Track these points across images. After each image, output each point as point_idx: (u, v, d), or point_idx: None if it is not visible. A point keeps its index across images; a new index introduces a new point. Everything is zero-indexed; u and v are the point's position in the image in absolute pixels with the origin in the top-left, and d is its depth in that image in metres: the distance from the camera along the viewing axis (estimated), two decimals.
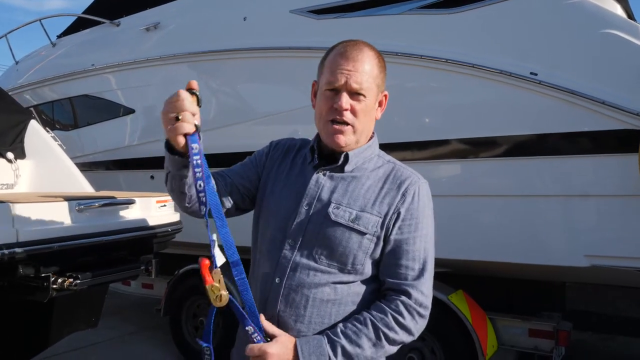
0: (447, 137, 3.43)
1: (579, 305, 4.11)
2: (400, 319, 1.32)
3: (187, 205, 1.45)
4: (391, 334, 1.31)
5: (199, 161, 1.23)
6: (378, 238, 1.38)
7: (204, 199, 1.25)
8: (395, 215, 1.38)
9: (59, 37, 6.19)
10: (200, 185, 1.24)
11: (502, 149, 3.26)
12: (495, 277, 3.90)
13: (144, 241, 2.30)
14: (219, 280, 1.25)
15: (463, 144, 3.39)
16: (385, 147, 1.54)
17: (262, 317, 1.33)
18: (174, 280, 4.87)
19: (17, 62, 6.73)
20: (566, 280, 3.98)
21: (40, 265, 1.85)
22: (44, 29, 6.12)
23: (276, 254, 1.41)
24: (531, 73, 3.06)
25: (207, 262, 1.26)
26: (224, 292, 1.25)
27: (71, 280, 1.91)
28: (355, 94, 1.36)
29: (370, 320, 1.31)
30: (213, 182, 1.31)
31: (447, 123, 3.43)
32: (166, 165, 1.37)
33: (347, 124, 1.37)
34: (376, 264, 1.41)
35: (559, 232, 3.21)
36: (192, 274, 4.79)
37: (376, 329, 1.30)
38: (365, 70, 1.36)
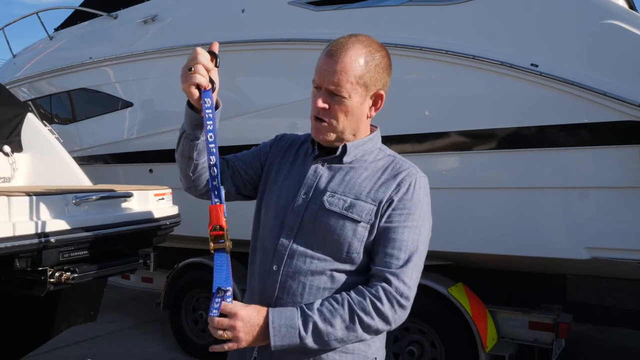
0: (447, 129, 3.41)
1: (579, 297, 4.11)
2: (378, 304, 1.30)
3: (190, 174, 1.49)
4: (366, 319, 1.29)
5: (210, 115, 1.34)
6: (372, 226, 1.38)
7: (213, 149, 1.34)
8: (388, 203, 1.38)
9: (56, 30, 6.15)
10: (211, 137, 1.34)
11: (503, 141, 3.25)
12: (495, 270, 3.90)
13: (142, 234, 2.28)
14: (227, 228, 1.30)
15: (463, 136, 3.37)
16: (385, 139, 1.53)
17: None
18: (173, 273, 4.86)
19: (14, 56, 6.69)
20: (566, 273, 3.97)
21: (38, 259, 1.83)
22: (41, 22, 6.08)
23: (274, 241, 1.43)
24: (532, 64, 3.04)
25: (222, 206, 1.30)
26: (230, 242, 1.29)
27: (69, 274, 1.89)
28: (333, 94, 1.37)
29: (348, 301, 1.31)
30: None
31: (447, 115, 3.41)
32: (183, 124, 1.44)
33: (324, 121, 1.40)
34: (369, 250, 1.40)
35: (560, 224, 3.20)
36: (191, 268, 4.79)
37: (352, 311, 1.29)
38: (344, 71, 1.34)
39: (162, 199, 2.46)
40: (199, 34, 4.46)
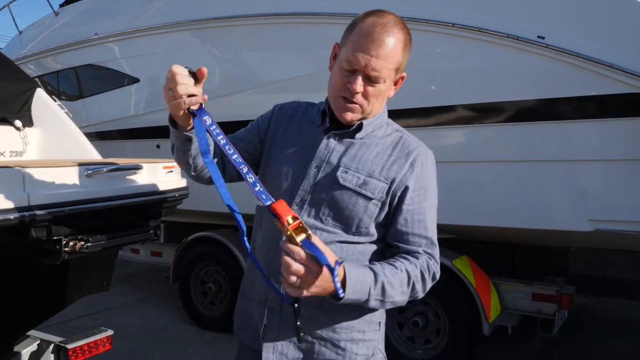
0: (453, 102, 3.42)
1: (582, 269, 4.15)
2: (425, 275, 1.37)
3: (193, 173, 1.51)
4: (417, 286, 1.36)
5: (217, 130, 1.29)
6: (383, 203, 1.41)
7: (238, 159, 1.29)
8: (404, 185, 1.41)
9: (61, 6, 6.14)
10: (230, 149, 1.29)
11: (509, 114, 3.26)
12: (499, 243, 3.94)
13: (152, 206, 2.32)
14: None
15: (469, 109, 3.38)
16: (391, 113, 1.55)
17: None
18: (182, 247, 4.95)
19: (20, 32, 6.69)
20: (570, 245, 4.02)
21: (52, 229, 1.88)
22: None
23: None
24: (538, 36, 3.03)
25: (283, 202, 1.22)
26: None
27: (82, 243, 1.94)
28: (370, 79, 1.35)
29: (405, 269, 1.34)
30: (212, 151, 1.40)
31: (453, 89, 3.42)
32: (171, 137, 1.43)
33: (355, 103, 1.39)
34: (380, 227, 1.44)
35: (563, 196, 3.23)
36: (200, 242, 4.87)
37: (409, 278, 1.34)
38: (386, 56, 1.33)
39: (171, 171, 2.49)
40: (204, 9, 4.45)
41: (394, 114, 1.56)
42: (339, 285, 1.21)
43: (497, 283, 3.82)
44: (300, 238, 1.18)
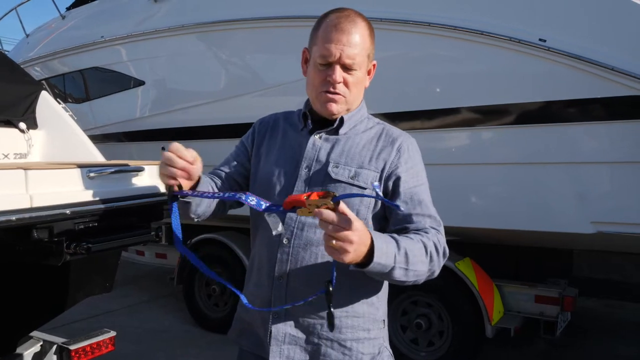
0: (455, 105, 3.42)
1: (585, 272, 4.14)
2: (439, 247, 1.36)
3: (197, 220, 1.54)
4: (434, 257, 1.33)
5: (222, 194, 1.37)
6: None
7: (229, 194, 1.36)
8: (396, 170, 1.43)
9: (68, 9, 6.20)
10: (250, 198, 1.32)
11: (511, 116, 3.26)
12: (502, 245, 3.94)
13: (153, 208, 2.33)
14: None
15: (471, 112, 3.38)
16: (394, 116, 1.57)
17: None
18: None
19: (27, 35, 6.76)
20: (573, 248, 4.00)
21: (54, 230, 1.90)
22: (54, 2, 6.13)
23: (281, 216, 1.43)
24: (540, 39, 3.03)
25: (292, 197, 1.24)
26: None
27: (84, 244, 1.96)
28: (346, 68, 1.40)
29: (421, 240, 1.33)
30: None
31: (455, 91, 3.42)
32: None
33: (338, 94, 1.43)
34: (379, 218, 1.45)
35: (566, 199, 3.22)
36: (204, 243, 4.89)
37: (426, 248, 1.32)
38: (357, 44, 1.39)
39: None
40: (209, 12, 4.48)
41: (397, 117, 1.57)
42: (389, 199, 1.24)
43: (500, 285, 3.82)
44: (329, 199, 1.15)
